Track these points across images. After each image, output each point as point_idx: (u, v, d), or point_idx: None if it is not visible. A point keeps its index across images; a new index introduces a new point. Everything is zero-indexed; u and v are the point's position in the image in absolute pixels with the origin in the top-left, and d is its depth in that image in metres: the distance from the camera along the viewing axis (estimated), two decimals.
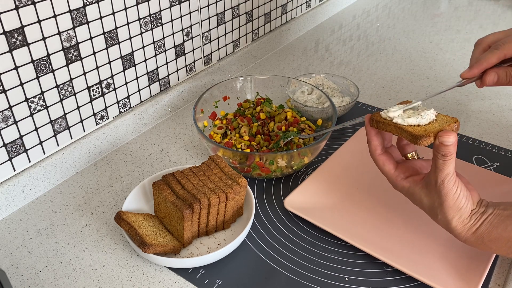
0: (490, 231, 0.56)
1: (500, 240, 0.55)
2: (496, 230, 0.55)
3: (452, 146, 0.54)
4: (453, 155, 0.55)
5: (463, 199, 0.56)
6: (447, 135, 0.54)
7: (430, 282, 0.62)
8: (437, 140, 0.55)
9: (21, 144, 0.76)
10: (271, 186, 0.82)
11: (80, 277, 0.66)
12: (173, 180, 0.69)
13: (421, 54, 1.28)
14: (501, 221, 0.55)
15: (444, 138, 0.54)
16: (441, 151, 0.54)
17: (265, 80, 0.97)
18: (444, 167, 0.55)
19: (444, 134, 0.55)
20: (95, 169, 0.86)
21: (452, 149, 0.54)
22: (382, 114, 0.61)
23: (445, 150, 0.54)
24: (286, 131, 0.86)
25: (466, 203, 0.56)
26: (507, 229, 0.55)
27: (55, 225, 0.74)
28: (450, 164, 0.55)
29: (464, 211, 0.56)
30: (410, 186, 0.60)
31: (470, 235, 0.57)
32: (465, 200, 0.56)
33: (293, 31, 1.36)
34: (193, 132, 0.96)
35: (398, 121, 0.59)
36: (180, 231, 0.67)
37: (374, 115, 0.62)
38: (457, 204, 0.56)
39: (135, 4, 0.85)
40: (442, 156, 0.54)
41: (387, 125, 0.60)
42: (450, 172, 0.55)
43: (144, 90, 0.95)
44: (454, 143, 0.55)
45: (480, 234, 0.56)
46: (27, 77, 0.72)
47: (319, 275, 0.66)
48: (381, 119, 0.61)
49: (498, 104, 1.05)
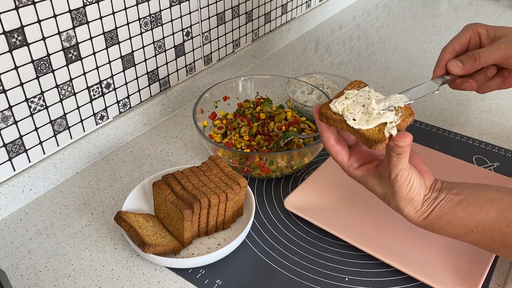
0: (440, 217, 0.55)
1: (450, 226, 0.55)
2: (446, 216, 0.55)
3: (407, 146, 0.52)
4: (407, 152, 0.52)
5: (415, 189, 0.54)
6: (402, 140, 0.51)
7: (430, 282, 0.62)
8: (392, 142, 0.52)
9: (21, 144, 0.76)
10: (271, 186, 0.82)
11: (80, 277, 0.66)
12: (173, 180, 0.69)
13: (421, 54, 1.28)
14: (451, 208, 0.55)
15: (399, 142, 0.51)
16: (396, 150, 0.52)
17: (265, 80, 0.97)
18: (399, 163, 0.53)
19: (399, 138, 0.51)
20: (95, 169, 0.86)
21: (406, 148, 0.52)
22: (332, 107, 0.55)
23: (400, 150, 0.52)
24: (286, 131, 0.86)
25: (419, 192, 0.55)
26: (456, 216, 0.55)
27: (55, 225, 0.74)
28: (404, 160, 0.53)
29: (416, 200, 0.55)
30: (363, 175, 0.59)
31: (421, 220, 0.56)
32: (417, 190, 0.55)
33: (293, 31, 1.36)
34: (193, 132, 0.96)
35: (349, 122, 0.54)
36: (180, 231, 0.67)
37: (323, 108, 0.56)
38: (410, 195, 0.55)
39: (135, 4, 0.85)
40: (397, 155, 0.52)
41: (338, 122, 0.55)
42: (404, 166, 0.53)
43: (144, 90, 0.95)
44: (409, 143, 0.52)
45: (430, 220, 0.56)
46: (27, 77, 0.72)
47: (319, 275, 0.66)
48: (330, 113, 0.55)
49: (498, 104, 1.05)
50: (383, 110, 0.54)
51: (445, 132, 0.95)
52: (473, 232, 0.55)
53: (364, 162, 0.59)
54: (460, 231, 0.55)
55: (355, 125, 0.53)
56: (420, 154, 0.65)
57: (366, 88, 0.58)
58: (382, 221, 0.72)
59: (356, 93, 0.57)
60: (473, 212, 0.54)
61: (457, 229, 0.55)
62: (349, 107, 0.55)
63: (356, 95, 0.57)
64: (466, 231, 0.55)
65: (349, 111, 0.54)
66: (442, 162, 0.84)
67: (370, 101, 0.55)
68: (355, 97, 0.56)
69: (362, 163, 0.59)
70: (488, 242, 0.55)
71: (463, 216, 0.55)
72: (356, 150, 0.60)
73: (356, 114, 0.54)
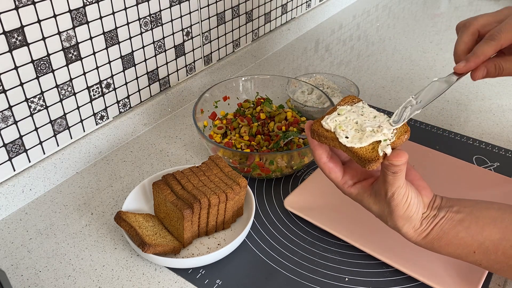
0: (440, 237, 0.53)
1: (451, 246, 0.53)
2: (446, 236, 0.53)
3: (402, 164, 0.50)
4: (403, 170, 0.50)
5: (413, 207, 0.52)
6: (397, 159, 0.49)
7: (430, 282, 0.62)
8: (386, 161, 0.50)
9: (21, 144, 0.76)
10: (271, 186, 0.82)
11: (80, 277, 0.66)
12: (173, 180, 0.69)
13: (421, 54, 1.28)
14: (452, 227, 0.53)
15: (394, 161, 0.49)
16: (391, 169, 0.50)
17: (265, 80, 0.97)
18: (395, 181, 0.51)
19: (394, 158, 0.49)
20: (95, 169, 0.86)
21: (402, 166, 0.50)
22: (324, 124, 0.53)
23: (395, 169, 0.50)
24: (286, 131, 0.86)
25: (417, 210, 0.53)
26: (457, 236, 0.53)
27: (55, 225, 0.74)
28: (400, 178, 0.51)
29: (414, 218, 0.53)
30: (358, 193, 0.56)
31: (420, 239, 0.54)
32: (415, 208, 0.52)
33: (293, 31, 1.36)
34: (193, 132, 0.96)
35: (342, 140, 0.51)
36: (180, 231, 0.67)
37: (314, 125, 0.54)
38: (407, 213, 0.52)
39: (135, 4, 0.85)
40: (392, 173, 0.50)
41: (330, 139, 0.52)
42: (400, 184, 0.51)
43: (144, 90, 0.95)
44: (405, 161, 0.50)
45: (430, 240, 0.54)
46: (27, 77, 0.72)
47: (319, 275, 0.66)
48: (322, 131, 0.53)
49: (498, 104, 1.05)
50: (377, 127, 0.51)
51: (445, 132, 0.95)
52: (475, 253, 0.53)
53: (359, 179, 0.57)
54: (461, 252, 0.53)
55: (347, 143, 0.51)
56: (420, 154, 0.65)
57: (360, 103, 0.55)
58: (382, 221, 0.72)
59: (349, 109, 0.55)
60: (475, 232, 0.52)
61: (458, 249, 0.53)
62: (341, 124, 0.53)
63: (349, 111, 0.54)
64: (469, 252, 0.53)
65: (341, 128, 0.52)
66: (442, 162, 0.84)
67: (364, 117, 0.53)
68: (348, 113, 0.54)
69: (357, 180, 0.57)
70: (491, 263, 0.53)
71: (464, 236, 0.52)
72: (350, 167, 0.57)
73: (349, 132, 0.52)
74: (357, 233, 0.70)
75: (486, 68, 0.60)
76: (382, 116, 0.54)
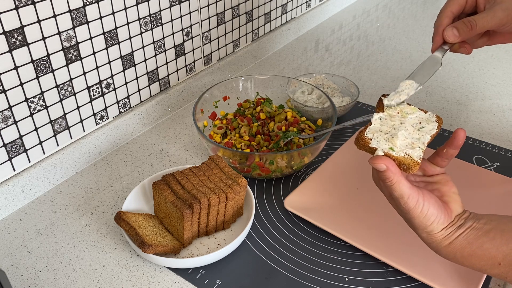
0: (463, 247, 0.52)
1: (474, 257, 0.52)
2: (470, 246, 0.52)
3: (387, 172, 0.51)
4: (394, 181, 0.51)
5: (431, 217, 0.52)
6: (374, 162, 0.51)
7: (430, 282, 0.62)
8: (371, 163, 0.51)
9: (21, 144, 0.76)
10: (271, 186, 0.82)
11: (80, 277, 0.66)
12: (173, 180, 0.69)
13: (421, 54, 1.28)
14: (477, 238, 0.52)
15: (373, 165, 0.51)
16: (379, 175, 0.51)
17: (265, 80, 0.97)
18: (392, 190, 0.52)
19: (372, 160, 0.51)
20: (95, 169, 0.86)
21: (390, 175, 0.51)
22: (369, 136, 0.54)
23: (382, 175, 0.51)
24: (286, 131, 0.86)
25: (437, 220, 0.52)
26: (482, 247, 0.51)
27: (55, 225, 0.74)
28: (397, 188, 0.51)
29: (434, 228, 0.53)
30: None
31: (442, 247, 0.53)
32: (433, 218, 0.52)
33: (293, 31, 1.36)
34: (193, 132, 0.96)
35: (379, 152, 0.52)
36: (180, 231, 0.67)
37: (359, 136, 0.55)
38: (425, 222, 0.52)
39: (135, 4, 0.85)
40: (383, 181, 0.51)
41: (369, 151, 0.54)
42: (403, 195, 0.51)
43: (144, 90, 0.95)
44: (389, 169, 0.50)
45: (452, 249, 0.53)
46: (27, 77, 0.72)
47: (319, 275, 0.66)
48: (367, 145, 0.54)
49: (498, 104, 1.05)
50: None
51: (445, 132, 0.94)
52: (500, 265, 0.51)
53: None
54: (486, 263, 0.52)
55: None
56: None
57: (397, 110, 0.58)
58: (382, 221, 0.72)
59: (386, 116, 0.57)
60: (500, 243, 0.51)
61: (482, 260, 0.52)
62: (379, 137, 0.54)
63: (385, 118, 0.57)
64: (493, 264, 0.51)
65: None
66: None
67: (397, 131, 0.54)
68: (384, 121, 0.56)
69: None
70: None
71: (489, 247, 0.51)
72: None
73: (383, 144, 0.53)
74: (357, 233, 0.70)
75: (456, 28, 0.61)
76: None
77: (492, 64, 1.21)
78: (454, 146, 0.56)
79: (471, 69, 1.19)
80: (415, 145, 0.53)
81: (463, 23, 0.61)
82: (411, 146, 0.53)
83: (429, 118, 0.57)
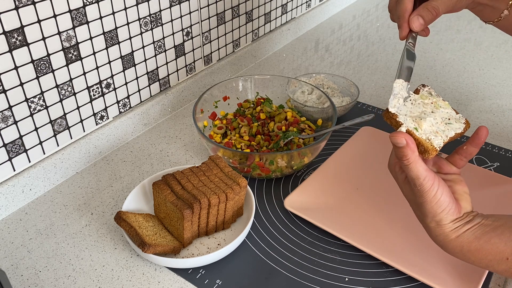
0: (470, 241, 0.52)
1: (481, 252, 0.52)
2: (477, 241, 0.52)
3: (405, 149, 0.51)
4: (411, 160, 0.51)
5: (443, 204, 0.52)
6: (395, 136, 0.51)
7: (430, 282, 0.62)
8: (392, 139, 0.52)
9: (21, 144, 0.76)
10: (271, 186, 0.82)
11: (80, 277, 0.66)
12: (173, 180, 0.69)
13: (421, 54, 1.28)
14: (485, 233, 0.52)
15: (393, 139, 0.51)
16: (397, 153, 0.52)
17: (265, 80, 0.97)
18: (409, 170, 0.52)
19: (394, 134, 0.52)
20: (95, 169, 0.86)
21: (408, 152, 0.51)
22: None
23: (400, 152, 0.51)
24: (286, 131, 0.86)
25: (447, 210, 0.53)
26: (490, 241, 0.52)
27: (55, 225, 0.74)
28: (413, 168, 0.51)
29: (444, 218, 0.53)
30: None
31: (448, 241, 0.53)
32: (445, 206, 0.53)
33: (293, 31, 1.36)
34: (193, 132, 0.96)
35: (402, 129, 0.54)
36: (180, 231, 0.67)
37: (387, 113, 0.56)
38: (435, 208, 0.53)
39: (135, 4, 0.85)
40: (401, 159, 0.52)
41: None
42: (419, 175, 0.52)
43: (144, 90, 0.95)
44: (409, 145, 0.51)
45: (459, 243, 0.53)
46: (27, 77, 0.72)
47: (319, 275, 0.66)
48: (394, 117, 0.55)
49: (498, 104, 1.05)
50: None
51: None
52: (508, 259, 0.51)
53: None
54: (493, 258, 0.52)
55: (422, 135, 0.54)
56: None
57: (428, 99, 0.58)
58: (382, 221, 0.72)
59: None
60: (509, 238, 0.51)
61: (489, 255, 0.52)
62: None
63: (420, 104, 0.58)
64: (501, 259, 0.51)
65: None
66: None
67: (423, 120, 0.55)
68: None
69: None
70: None
71: (497, 242, 0.51)
72: None
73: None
74: (357, 233, 0.70)
75: (421, 16, 0.61)
76: None
77: (492, 64, 1.21)
78: (475, 143, 0.57)
79: (471, 69, 1.19)
80: (438, 134, 0.54)
81: (427, 10, 0.61)
82: (435, 133, 0.54)
83: (458, 119, 0.58)
